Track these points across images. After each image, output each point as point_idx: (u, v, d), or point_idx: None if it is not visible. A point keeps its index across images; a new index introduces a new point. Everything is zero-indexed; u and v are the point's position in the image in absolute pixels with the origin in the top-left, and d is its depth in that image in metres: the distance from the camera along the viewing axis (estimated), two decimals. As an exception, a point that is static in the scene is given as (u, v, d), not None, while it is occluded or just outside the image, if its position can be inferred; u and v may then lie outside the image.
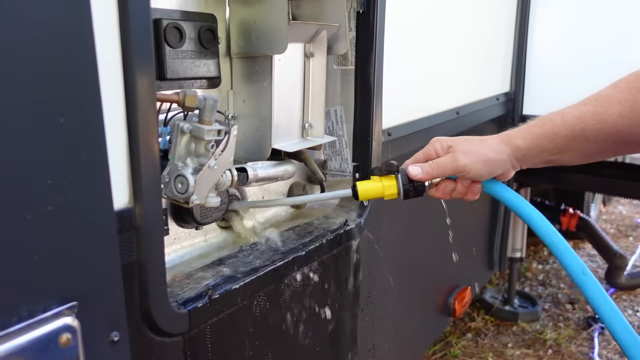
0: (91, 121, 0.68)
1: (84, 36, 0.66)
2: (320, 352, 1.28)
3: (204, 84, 1.09)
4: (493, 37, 2.35)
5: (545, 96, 2.52)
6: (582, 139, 0.97)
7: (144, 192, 0.79)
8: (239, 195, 1.21)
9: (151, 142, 0.79)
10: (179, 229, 1.08)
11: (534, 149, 1.00)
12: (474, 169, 1.01)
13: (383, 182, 1.04)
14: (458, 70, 2.03)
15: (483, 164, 1.01)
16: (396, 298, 1.70)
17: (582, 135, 0.96)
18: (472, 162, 1.00)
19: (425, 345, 2.34)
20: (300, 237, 1.22)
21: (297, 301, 1.17)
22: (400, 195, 1.04)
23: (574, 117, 0.98)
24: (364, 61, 1.32)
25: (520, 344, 3.00)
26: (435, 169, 1.03)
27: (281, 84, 1.16)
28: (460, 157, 1.01)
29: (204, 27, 1.05)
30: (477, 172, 1.01)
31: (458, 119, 1.99)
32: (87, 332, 0.69)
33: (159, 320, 0.84)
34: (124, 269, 0.75)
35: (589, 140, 0.96)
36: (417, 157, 1.07)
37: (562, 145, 0.99)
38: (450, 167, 1.02)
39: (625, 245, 4.31)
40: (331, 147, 1.40)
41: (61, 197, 0.65)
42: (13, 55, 0.59)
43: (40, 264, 0.64)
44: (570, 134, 0.97)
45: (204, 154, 0.95)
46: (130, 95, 0.76)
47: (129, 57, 0.75)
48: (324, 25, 1.21)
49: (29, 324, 0.63)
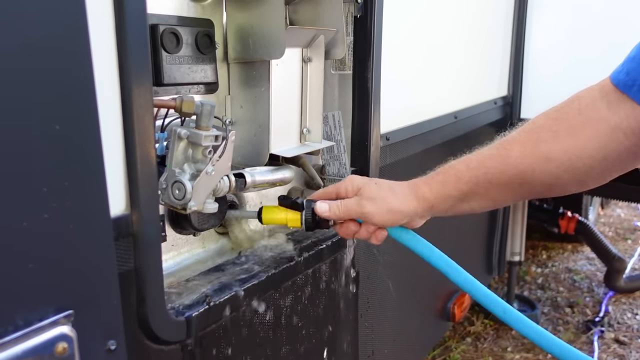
0: (87, 127, 0.68)
1: (79, 42, 0.66)
2: (320, 359, 1.27)
3: (201, 90, 1.08)
4: (490, 41, 2.35)
5: (542, 100, 2.50)
6: (485, 183, 0.96)
7: (140, 198, 0.78)
8: (237, 201, 1.20)
9: (148, 148, 0.79)
10: (176, 236, 1.07)
11: (440, 197, 1.00)
12: (377, 216, 1.01)
13: (287, 214, 1.08)
14: (456, 74, 2.03)
15: (387, 213, 1.01)
16: (395, 303, 1.69)
17: (485, 179, 0.96)
18: (376, 210, 1.01)
19: (425, 350, 2.33)
20: (299, 242, 1.21)
21: (296, 307, 1.16)
22: (302, 227, 1.08)
23: (477, 161, 0.98)
24: (361, 66, 1.32)
25: (519, 348, 2.99)
26: (342, 210, 1.04)
27: (279, 89, 1.15)
28: (366, 203, 1.01)
29: (201, 33, 1.05)
30: (380, 219, 1.02)
31: (456, 123, 1.99)
32: (83, 341, 0.68)
33: (157, 328, 0.83)
34: (120, 277, 0.75)
35: (492, 183, 0.96)
36: (329, 191, 1.08)
37: (466, 191, 0.98)
38: (354, 211, 1.03)
39: (624, 248, 4.31)
40: (329, 152, 1.40)
41: (57, 205, 0.65)
42: (7, 62, 0.58)
43: (36, 272, 0.63)
44: (474, 179, 0.97)
45: (202, 160, 0.95)
46: (126, 101, 0.75)
47: (125, 62, 0.74)
48: (322, 30, 1.21)
49: (25, 333, 0.62)
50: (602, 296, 3.54)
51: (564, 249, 4.29)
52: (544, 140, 0.90)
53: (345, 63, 1.36)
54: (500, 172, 0.94)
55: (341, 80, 1.38)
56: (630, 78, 0.82)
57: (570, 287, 3.69)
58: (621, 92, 0.83)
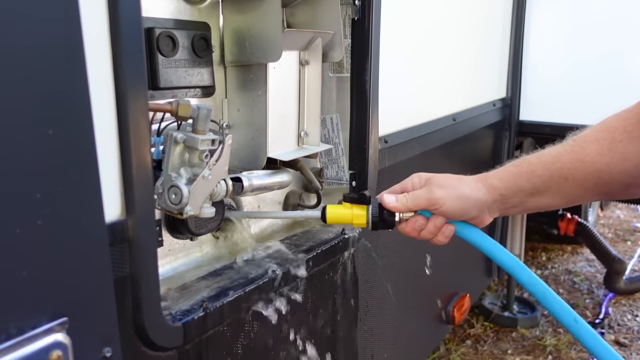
0: (81, 132, 0.67)
1: (73, 46, 0.65)
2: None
3: (198, 93, 1.08)
4: (489, 43, 2.35)
5: (541, 101, 2.52)
6: (560, 178, 0.94)
7: (136, 203, 0.77)
8: (235, 205, 1.19)
9: (143, 153, 0.78)
10: (173, 240, 1.06)
11: (510, 188, 0.97)
12: (447, 202, 0.98)
13: (353, 210, 1.04)
14: (454, 77, 2.03)
15: (457, 199, 0.98)
16: (394, 307, 1.68)
17: (560, 175, 0.94)
18: (446, 196, 0.98)
19: (425, 353, 2.32)
20: (297, 246, 1.21)
21: (294, 312, 1.15)
22: (368, 225, 1.03)
23: (550, 156, 0.96)
24: (359, 68, 1.31)
25: (520, 350, 2.98)
26: (410, 199, 1.00)
27: (276, 92, 1.15)
28: (435, 190, 0.99)
29: (198, 36, 1.04)
30: (451, 207, 0.98)
31: (454, 125, 1.99)
32: (78, 349, 0.67)
33: (153, 334, 0.82)
34: (116, 283, 0.74)
35: (568, 179, 0.94)
36: (394, 189, 1.05)
37: (539, 185, 0.96)
38: (424, 199, 0.99)
39: (624, 249, 4.30)
40: (327, 155, 1.39)
41: (50, 211, 0.64)
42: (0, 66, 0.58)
43: (29, 280, 0.62)
44: (547, 173, 0.95)
45: (198, 164, 0.94)
46: (121, 105, 0.74)
47: (120, 66, 0.73)
48: (319, 33, 1.20)
49: (18, 342, 0.61)
50: (602, 298, 3.53)
51: (563, 251, 4.28)
52: (619, 140, 0.89)
53: (343, 66, 1.35)
54: (576, 168, 0.92)
55: (339, 83, 1.38)
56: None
57: (570, 289, 3.68)
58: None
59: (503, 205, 0.99)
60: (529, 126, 2.54)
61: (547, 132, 2.46)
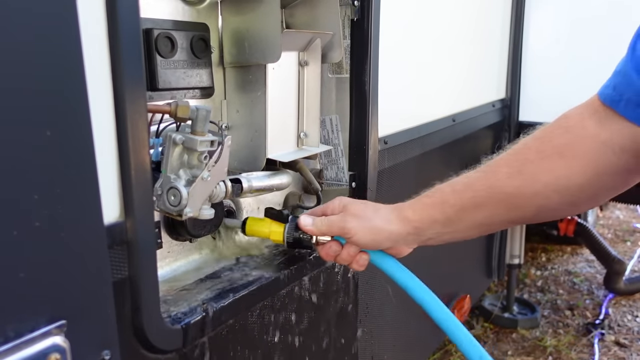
0: (79, 133, 0.66)
1: (71, 46, 0.65)
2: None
3: (196, 94, 1.07)
4: (488, 43, 2.35)
5: (541, 102, 2.52)
6: (472, 206, 0.92)
7: (135, 205, 0.77)
8: (234, 207, 1.19)
9: (142, 154, 0.77)
10: (172, 242, 1.06)
11: (424, 220, 0.96)
12: (359, 233, 0.97)
13: (271, 227, 1.06)
14: (454, 77, 2.03)
15: (369, 230, 0.97)
16: (395, 308, 1.68)
17: (472, 203, 0.92)
18: (358, 227, 0.97)
19: (425, 354, 2.32)
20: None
21: (294, 314, 1.14)
22: (284, 243, 1.05)
23: (463, 184, 0.94)
24: (359, 69, 1.31)
25: (520, 351, 2.97)
26: (325, 224, 1.01)
27: (275, 93, 1.14)
28: (349, 219, 0.98)
29: (196, 37, 1.04)
30: (362, 238, 0.98)
31: (454, 126, 1.98)
32: (76, 352, 0.67)
33: (152, 337, 0.82)
34: (115, 285, 0.73)
35: (480, 207, 0.92)
36: (315, 211, 1.06)
37: (452, 215, 0.94)
38: (337, 226, 0.99)
39: (623, 250, 4.29)
40: (327, 156, 1.39)
41: (48, 212, 0.63)
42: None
43: (27, 282, 0.62)
44: (459, 202, 0.93)
45: (197, 166, 0.94)
46: (120, 107, 0.74)
47: (119, 67, 0.73)
48: (318, 34, 1.20)
49: (16, 345, 0.61)
50: (602, 298, 3.52)
51: (563, 252, 4.28)
52: (531, 161, 0.87)
53: (342, 67, 1.35)
54: (488, 195, 0.91)
55: (338, 84, 1.37)
56: (617, 92, 0.80)
57: (570, 290, 3.68)
58: (609, 107, 0.81)
59: (419, 237, 0.99)
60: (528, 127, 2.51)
61: (546, 132, 2.46)
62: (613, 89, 0.81)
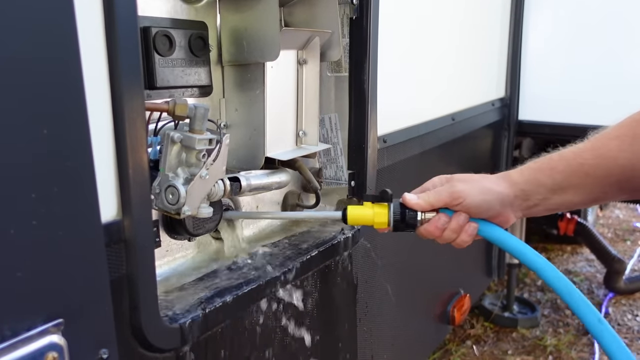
0: (76, 132, 0.66)
1: (68, 45, 0.64)
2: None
3: (195, 93, 1.07)
4: (487, 42, 2.35)
5: (540, 101, 2.51)
6: (582, 174, 0.92)
7: (132, 204, 0.76)
8: (233, 205, 1.18)
9: (140, 153, 0.77)
10: (171, 241, 1.06)
11: (531, 183, 0.96)
12: (470, 196, 0.96)
13: (374, 209, 1.00)
14: (453, 76, 2.02)
15: (479, 192, 0.97)
16: (394, 307, 1.67)
17: (581, 170, 0.92)
18: (469, 189, 0.97)
19: (425, 354, 2.32)
20: (296, 247, 1.20)
21: (293, 313, 1.14)
22: (390, 225, 1.00)
23: (571, 152, 0.95)
24: (357, 68, 1.31)
25: (520, 351, 2.97)
26: (432, 195, 0.99)
27: (274, 92, 1.14)
28: (458, 184, 0.98)
29: (195, 35, 1.04)
30: (473, 201, 0.96)
31: (454, 125, 1.98)
32: (74, 350, 0.67)
33: (150, 335, 0.81)
34: (112, 284, 0.73)
35: (589, 175, 0.92)
36: (414, 191, 1.04)
37: (560, 181, 0.94)
38: (446, 193, 0.98)
39: (623, 249, 4.29)
40: (326, 155, 1.38)
41: (46, 211, 0.63)
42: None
43: (24, 281, 0.62)
44: (568, 168, 0.93)
45: (196, 164, 0.93)
46: (117, 105, 0.74)
47: (116, 65, 0.73)
48: (317, 32, 1.19)
49: (13, 343, 0.61)
50: (602, 298, 3.52)
51: (563, 251, 4.28)
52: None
53: (341, 65, 1.35)
54: (598, 164, 0.91)
55: (337, 83, 1.37)
56: None
57: (570, 289, 3.68)
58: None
59: (525, 203, 0.97)
60: (528, 126, 2.53)
61: (546, 131, 2.46)
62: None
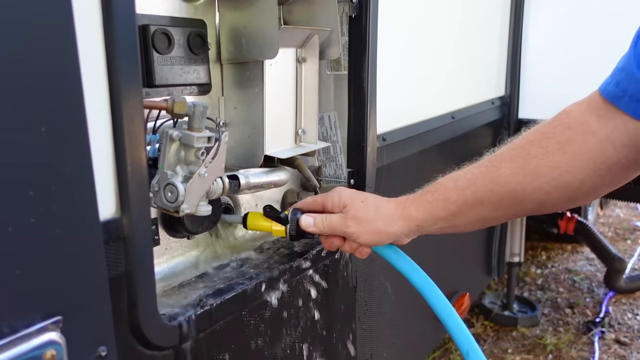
0: (74, 130, 0.66)
1: (66, 42, 0.64)
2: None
3: (194, 91, 1.07)
4: (487, 40, 2.34)
5: (540, 99, 2.51)
6: (475, 202, 0.93)
7: (131, 201, 0.76)
8: (232, 204, 1.19)
9: (138, 150, 0.77)
10: (170, 239, 1.06)
11: (428, 219, 0.98)
12: (362, 237, 1.01)
13: (273, 225, 1.08)
14: (453, 74, 2.02)
15: (372, 234, 1.01)
16: (394, 306, 1.67)
17: (474, 198, 0.93)
18: (361, 231, 1.00)
19: (425, 352, 2.32)
20: (294, 244, 1.20)
21: (292, 312, 1.14)
22: (287, 236, 1.08)
23: (465, 179, 0.94)
24: (357, 66, 1.31)
25: (520, 350, 2.97)
26: (327, 226, 1.04)
27: (273, 90, 1.14)
28: (350, 223, 1.01)
29: (193, 33, 1.04)
30: (365, 240, 1.02)
31: (453, 123, 1.98)
32: (73, 348, 0.67)
33: (149, 333, 0.81)
34: (111, 282, 0.73)
35: (483, 203, 0.92)
36: (316, 201, 1.07)
37: (454, 211, 0.95)
38: (339, 230, 1.03)
39: (623, 248, 4.29)
40: (325, 153, 1.38)
41: (44, 209, 0.63)
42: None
43: (22, 278, 0.61)
44: (462, 198, 0.94)
45: (194, 162, 0.93)
46: (115, 103, 0.74)
47: (114, 63, 0.73)
48: (316, 30, 1.19)
49: (11, 341, 0.61)
50: (602, 297, 3.52)
51: (563, 250, 4.28)
52: (533, 157, 0.88)
53: (340, 63, 1.35)
54: (490, 190, 0.91)
55: (337, 81, 1.37)
56: (620, 89, 0.80)
57: (570, 288, 3.68)
58: (610, 104, 0.82)
59: (420, 232, 1.02)
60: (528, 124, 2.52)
61: (546, 130, 2.45)
62: (615, 86, 0.81)
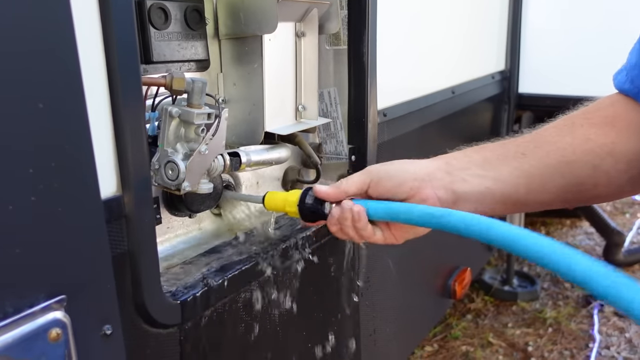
0: (72, 106, 0.65)
1: (62, 19, 0.63)
2: (321, 339, 1.26)
3: (192, 67, 1.05)
4: (487, 14, 2.31)
5: (541, 73, 2.49)
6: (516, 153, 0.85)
7: (132, 179, 0.76)
8: (233, 182, 1.18)
9: (138, 127, 0.76)
10: (172, 218, 1.05)
11: (458, 157, 0.88)
12: (381, 170, 0.89)
13: (288, 197, 0.97)
14: (453, 49, 2.00)
15: (393, 167, 0.89)
16: (396, 281, 1.68)
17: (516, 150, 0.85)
18: (380, 166, 0.90)
19: (427, 327, 2.34)
20: (297, 221, 1.19)
21: (295, 288, 1.14)
22: (299, 213, 0.95)
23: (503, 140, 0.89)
24: (357, 41, 1.28)
25: (520, 324, 3.00)
26: (343, 181, 0.90)
27: (272, 65, 1.12)
28: (371, 167, 0.92)
29: (190, 8, 1.01)
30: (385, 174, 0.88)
31: (454, 98, 1.96)
32: (77, 326, 0.66)
33: (153, 311, 0.81)
34: (114, 260, 0.73)
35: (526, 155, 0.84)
36: None
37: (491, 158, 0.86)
38: (356, 176, 0.90)
39: (622, 222, 4.30)
40: (326, 129, 1.37)
41: (44, 187, 0.62)
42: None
43: (24, 257, 0.61)
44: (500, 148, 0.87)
45: (195, 139, 0.92)
46: (113, 79, 0.72)
47: (111, 40, 0.71)
48: (315, 3, 1.17)
49: (15, 320, 0.60)
50: (601, 270, 3.54)
51: (562, 224, 4.29)
52: (579, 125, 0.83)
53: (339, 38, 1.32)
54: (535, 146, 0.83)
55: (336, 56, 1.35)
56: (635, 86, 0.79)
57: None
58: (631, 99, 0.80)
59: (448, 177, 0.85)
60: (528, 99, 2.51)
61: (547, 104, 2.43)
62: (631, 83, 0.80)
